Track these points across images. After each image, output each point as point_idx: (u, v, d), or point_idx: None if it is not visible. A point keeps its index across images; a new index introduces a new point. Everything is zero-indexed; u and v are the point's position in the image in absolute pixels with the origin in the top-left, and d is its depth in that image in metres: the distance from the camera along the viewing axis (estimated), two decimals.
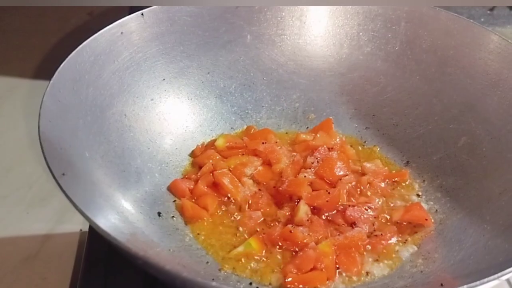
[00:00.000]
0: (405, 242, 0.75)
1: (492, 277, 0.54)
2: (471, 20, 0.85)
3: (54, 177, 0.58)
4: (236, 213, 0.79)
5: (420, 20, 0.89)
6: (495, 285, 0.56)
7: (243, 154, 0.86)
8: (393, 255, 0.73)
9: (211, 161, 0.84)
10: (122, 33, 0.81)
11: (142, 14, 0.84)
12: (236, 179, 0.81)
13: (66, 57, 0.73)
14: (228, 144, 0.87)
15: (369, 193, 0.82)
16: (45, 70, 0.72)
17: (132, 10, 0.86)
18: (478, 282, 0.54)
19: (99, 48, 0.78)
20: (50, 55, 1.19)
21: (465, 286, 0.53)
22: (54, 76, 0.70)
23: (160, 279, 0.60)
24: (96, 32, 0.78)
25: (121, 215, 0.68)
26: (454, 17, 0.86)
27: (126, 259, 0.57)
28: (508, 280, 0.76)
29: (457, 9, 1.37)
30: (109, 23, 0.81)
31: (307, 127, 0.93)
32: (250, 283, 0.69)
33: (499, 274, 0.55)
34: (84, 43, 0.76)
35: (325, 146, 0.86)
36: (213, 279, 0.67)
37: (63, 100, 0.70)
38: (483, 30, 0.83)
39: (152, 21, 0.85)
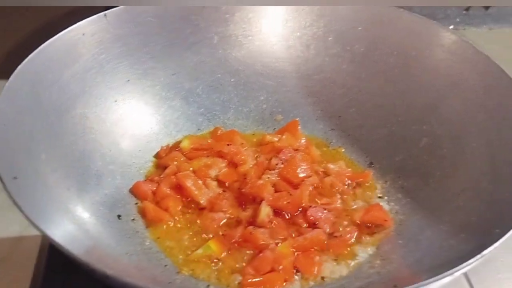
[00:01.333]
0: (364, 243, 0.75)
1: (441, 275, 0.55)
2: (434, 21, 0.85)
3: (2, 182, 0.57)
4: (198, 215, 0.78)
5: (384, 22, 0.89)
6: (452, 281, 0.57)
7: (208, 156, 0.86)
8: (352, 256, 0.73)
9: (175, 162, 0.84)
10: (83, 34, 0.81)
11: (105, 15, 0.84)
12: (199, 181, 0.81)
13: None
14: (193, 145, 0.87)
15: (332, 194, 0.81)
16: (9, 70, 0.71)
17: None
18: (430, 280, 0.54)
19: (59, 50, 0.77)
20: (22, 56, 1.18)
21: (416, 285, 0.54)
22: (10, 79, 0.70)
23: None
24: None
25: (77, 219, 0.68)
26: (416, 18, 0.86)
27: None
28: (465, 274, 0.76)
29: (433, 9, 1.38)
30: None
31: (274, 128, 0.93)
32: (208, 286, 0.68)
33: (449, 272, 0.55)
34: (44, 44, 0.76)
35: (290, 147, 0.86)
36: (169, 283, 0.67)
37: (19, 102, 0.70)
38: (445, 31, 0.84)
39: (115, 22, 0.85)
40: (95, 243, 0.67)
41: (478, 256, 0.55)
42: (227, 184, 0.83)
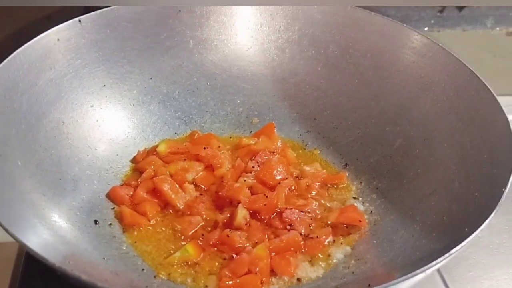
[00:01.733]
0: (339, 244, 0.76)
1: (413, 273, 0.56)
2: (404, 24, 0.87)
3: None
4: (175, 219, 0.79)
5: (357, 25, 0.91)
6: (427, 279, 0.58)
7: (185, 160, 0.86)
8: (328, 257, 0.75)
9: (152, 167, 0.84)
10: (58, 39, 0.81)
11: (80, 21, 0.84)
12: (176, 185, 0.81)
13: None
14: (170, 149, 0.88)
15: (308, 196, 0.83)
16: None
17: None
18: (403, 278, 0.56)
19: (33, 55, 0.77)
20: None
21: (390, 283, 0.55)
22: None
23: None
24: None
25: (53, 225, 0.68)
26: (388, 21, 0.88)
27: None
28: (439, 272, 0.78)
29: (407, 11, 1.39)
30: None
31: (251, 131, 0.94)
32: None
33: (420, 270, 0.56)
34: (18, 50, 0.76)
35: (266, 150, 0.87)
36: (146, 287, 0.68)
37: None
38: (415, 34, 0.85)
39: (91, 27, 0.85)
40: (72, 249, 0.67)
41: (448, 254, 0.57)
42: (204, 187, 0.84)
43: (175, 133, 0.92)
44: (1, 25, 1.10)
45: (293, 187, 0.83)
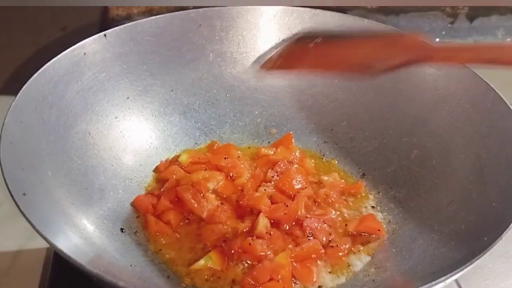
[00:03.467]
0: (359, 252, 0.78)
1: (434, 282, 0.57)
2: None
3: (13, 198, 0.59)
4: (198, 227, 0.81)
5: None
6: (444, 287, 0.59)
7: (206, 169, 0.88)
8: (348, 265, 0.76)
9: (174, 176, 0.87)
10: (85, 54, 0.84)
11: (105, 35, 0.86)
12: (198, 194, 0.83)
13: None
14: (191, 159, 0.90)
15: (326, 205, 0.84)
16: (14, 86, 0.74)
17: (102, 27, 0.88)
18: (423, 287, 0.57)
19: (62, 69, 0.80)
20: (21, 71, 1.20)
21: None
22: (17, 97, 0.72)
23: None
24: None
25: (83, 232, 0.70)
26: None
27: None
28: (456, 280, 0.80)
29: (418, 22, 1.42)
30: (82, 38, 0.83)
31: (269, 142, 0.96)
32: None
33: (441, 279, 0.58)
34: (47, 64, 0.78)
35: (285, 160, 0.89)
36: None
37: (25, 121, 0.72)
38: None
39: (115, 41, 0.87)
40: (101, 255, 0.69)
41: (468, 263, 0.58)
42: (224, 196, 0.86)
43: (196, 144, 0.95)
44: (19, 38, 1.14)
45: (311, 196, 0.85)
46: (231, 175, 0.88)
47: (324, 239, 0.79)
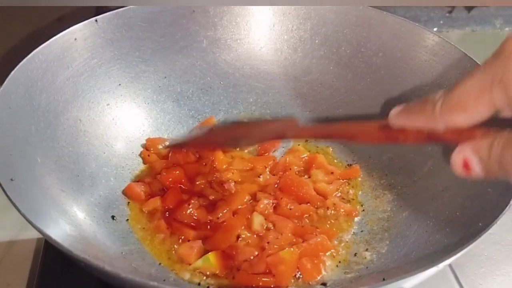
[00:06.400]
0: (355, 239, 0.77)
1: (426, 267, 0.57)
2: (416, 23, 0.88)
3: (0, 184, 0.58)
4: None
5: (369, 24, 0.91)
6: (438, 273, 0.59)
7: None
8: (342, 253, 0.76)
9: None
10: (75, 39, 0.82)
11: (96, 21, 0.85)
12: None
13: None
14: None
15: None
16: (4, 73, 0.73)
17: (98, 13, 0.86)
18: (416, 271, 0.56)
19: (52, 54, 0.79)
20: (13, 61, 1.19)
21: (403, 276, 0.56)
22: (5, 83, 0.71)
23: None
24: None
25: (73, 219, 0.69)
26: (400, 20, 0.89)
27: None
28: (451, 268, 0.79)
29: (417, 12, 1.40)
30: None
31: None
32: (199, 283, 0.70)
33: (433, 263, 0.57)
34: (36, 49, 0.77)
35: (287, 159, 0.88)
36: (164, 280, 0.69)
37: (14, 107, 0.71)
38: (428, 33, 0.86)
39: (106, 27, 0.86)
40: (92, 242, 0.68)
41: (462, 248, 0.57)
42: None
43: (189, 131, 0.94)
44: (15, 28, 1.12)
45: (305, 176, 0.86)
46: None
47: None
